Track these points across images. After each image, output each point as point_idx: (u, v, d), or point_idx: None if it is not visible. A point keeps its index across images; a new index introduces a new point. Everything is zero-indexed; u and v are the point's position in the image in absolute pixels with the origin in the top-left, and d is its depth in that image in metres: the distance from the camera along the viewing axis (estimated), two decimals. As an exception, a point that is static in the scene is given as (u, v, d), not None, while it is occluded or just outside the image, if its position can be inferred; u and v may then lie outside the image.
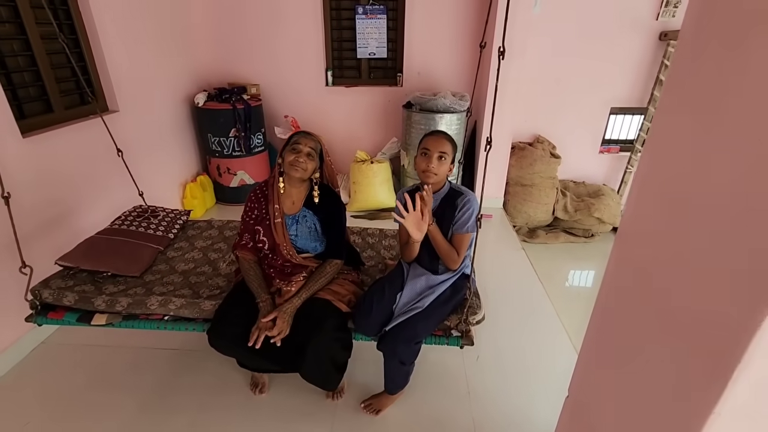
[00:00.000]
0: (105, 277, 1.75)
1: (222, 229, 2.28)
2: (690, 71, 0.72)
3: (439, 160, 1.51)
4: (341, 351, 1.59)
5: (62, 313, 1.64)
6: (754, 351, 0.57)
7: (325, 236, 1.67)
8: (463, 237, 1.54)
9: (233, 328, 1.48)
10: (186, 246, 2.10)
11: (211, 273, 1.87)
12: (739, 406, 0.61)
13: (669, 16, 3.40)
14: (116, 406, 1.75)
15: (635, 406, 0.86)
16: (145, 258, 1.88)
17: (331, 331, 1.49)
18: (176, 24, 3.26)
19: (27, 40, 2.09)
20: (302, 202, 1.65)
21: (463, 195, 1.56)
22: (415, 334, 1.48)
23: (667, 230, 0.77)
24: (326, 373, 1.59)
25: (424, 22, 3.56)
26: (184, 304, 1.61)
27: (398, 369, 1.57)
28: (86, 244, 1.86)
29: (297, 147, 1.56)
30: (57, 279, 1.73)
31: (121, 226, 2.04)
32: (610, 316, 0.98)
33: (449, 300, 1.58)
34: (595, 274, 3.37)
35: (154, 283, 1.77)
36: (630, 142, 3.93)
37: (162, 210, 2.26)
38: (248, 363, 1.70)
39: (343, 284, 1.66)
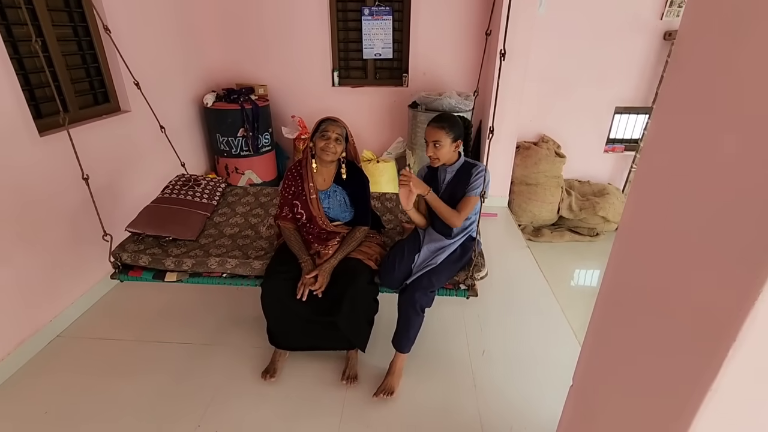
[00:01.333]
0: (168, 241, 2.05)
1: (257, 195, 2.59)
2: (687, 71, 0.76)
3: (435, 146, 1.76)
4: (371, 302, 1.87)
5: (140, 272, 1.95)
6: (746, 333, 0.61)
7: (353, 207, 1.92)
8: (471, 199, 1.77)
9: (282, 282, 1.74)
10: (228, 212, 2.40)
11: (254, 236, 2.18)
12: (735, 384, 0.65)
13: (674, 15, 3.42)
14: (131, 395, 1.80)
15: (636, 391, 0.89)
16: (197, 223, 2.18)
17: (364, 284, 1.77)
18: (186, 26, 3.33)
19: (44, 42, 2.15)
20: (332, 179, 1.90)
21: (477, 166, 1.81)
22: (431, 283, 1.75)
23: (665, 227, 0.81)
24: (358, 324, 1.81)
25: (430, 23, 3.60)
26: (238, 264, 1.90)
27: (417, 315, 1.76)
28: (146, 213, 2.13)
29: (326, 134, 1.77)
30: (130, 243, 2.02)
31: (171, 194, 2.31)
32: (612, 307, 1.02)
33: (459, 259, 1.84)
34: (599, 272, 3.38)
35: (209, 245, 2.06)
36: (635, 142, 3.94)
37: (203, 178, 2.52)
38: (282, 328, 1.85)
39: (371, 246, 1.93)
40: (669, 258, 0.79)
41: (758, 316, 0.59)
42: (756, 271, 0.58)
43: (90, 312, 2.32)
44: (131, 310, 2.34)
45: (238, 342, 2.09)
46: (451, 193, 1.83)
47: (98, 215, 1.84)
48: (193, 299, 2.41)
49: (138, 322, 2.24)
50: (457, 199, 1.80)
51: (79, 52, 2.42)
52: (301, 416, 1.72)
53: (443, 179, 1.87)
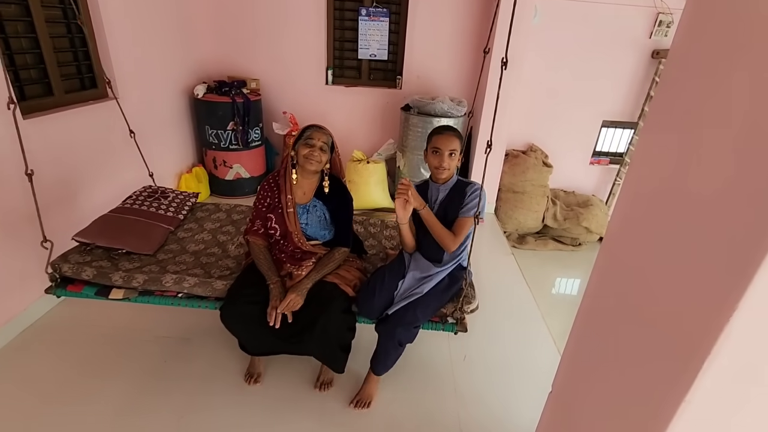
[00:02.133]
0: (120, 254, 1.84)
1: (230, 212, 2.37)
2: (675, 92, 0.78)
3: (450, 156, 1.63)
4: (346, 331, 1.68)
5: (81, 287, 1.72)
6: (721, 347, 0.63)
7: (334, 225, 1.76)
8: (467, 220, 1.63)
9: (244, 307, 1.57)
10: (195, 227, 2.19)
11: (221, 254, 1.96)
12: (707, 395, 0.67)
13: (662, 35, 3.52)
14: (108, 390, 1.76)
15: (613, 398, 0.92)
16: (157, 237, 1.96)
17: (338, 312, 1.59)
18: (179, 15, 3.28)
19: (32, 23, 2.09)
20: (313, 193, 1.74)
21: (472, 185, 1.68)
22: (415, 318, 1.59)
23: (648, 238, 0.83)
24: (333, 352, 1.67)
25: (426, 27, 3.62)
26: (197, 283, 1.70)
27: (395, 349, 1.64)
28: (101, 222, 1.94)
29: (311, 141, 1.63)
30: (75, 254, 1.80)
31: (133, 205, 2.11)
32: (593, 316, 1.04)
33: (447, 289, 1.69)
34: (580, 282, 3.45)
35: (167, 261, 1.85)
36: (620, 155, 4.04)
37: (171, 191, 2.33)
38: (252, 342, 1.73)
39: (350, 270, 1.76)
40: (651, 270, 0.82)
41: (733, 331, 0.62)
42: (732, 287, 0.60)
43: (65, 301, 2.26)
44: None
45: (218, 338, 2.05)
46: (444, 213, 1.68)
47: (39, 217, 1.56)
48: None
49: (114, 312, 2.19)
50: (449, 220, 1.66)
51: (68, 35, 2.36)
52: (280, 421, 1.70)
53: (435, 198, 1.72)
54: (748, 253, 0.58)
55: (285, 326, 1.54)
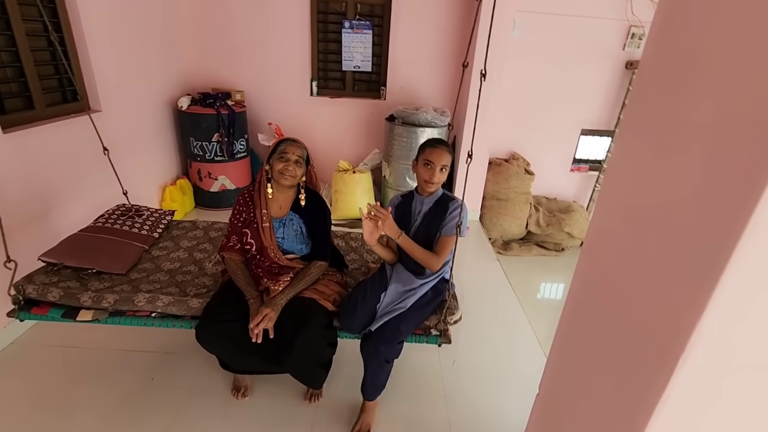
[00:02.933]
0: (90, 274, 1.75)
1: (207, 230, 2.30)
2: (646, 102, 0.84)
3: (441, 171, 1.62)
4: (327, 348, 1.63)
5: (46, 309, 1.63)
6: (694, 343, 0.67)
7: (311, 239, 1.73)
8: (450, 239, 1.61)
9: (221, 325, 1.51)
10: (171, 245, 2.10)
11: (198, 272, 1.89)
12: (684, 394, 0.71)
13: (634, 47, 3.67)
14: (91, 408, 1.72)
15: (596, 398, 0.95)
16: (130, 256, 1.88)
17: (318, 328, 1.54)
18: (163, 27, 3.27)
19: (12, 36, 2.07)
20: (289, 206, 1.71)
21: (454, 200, 1.66)
22: (399, 333, 1.55)
23: (625, 242, 0.88)
24: (312, 370, 1.64)
25: (408, 40, 3.70)
26: (171, 302, 1.63)
27: (381, 368, 1.61)
28: (70, 241, 1.85)
29: (285, 156, 1.60)
30: (41, 275, 1.71)
31: (105, 224, 2.03)
32: (576, 318, 1.08)
33: (430, 302, 1.66)
34: (564, 286, 3.52)
35: (140, 280, 1.77)
36: (598, 162, 4.16)
37: (146, 209, 2.26)
38: (232, 362, 1.69)
39: (329, 284, 1.71)
40: (627, 274, 0.86)
41: (703, 330, 0.66)
42: (700, 288, 0.65)
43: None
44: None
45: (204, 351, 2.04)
46: (426, 227, 1.67)
47: (2, 235, 1.47)
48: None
49: (100, 329, 2.13)
50: (431, 233, 1.66)
51: (49, 48, 2.34)
52: (271, 427, 1.69)
53: (419, 210, 1.70)
54: (715, 255, 0.63)
55: (263, 344, 1.48)
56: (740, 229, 0.59)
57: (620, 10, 3.54)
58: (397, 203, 1.76)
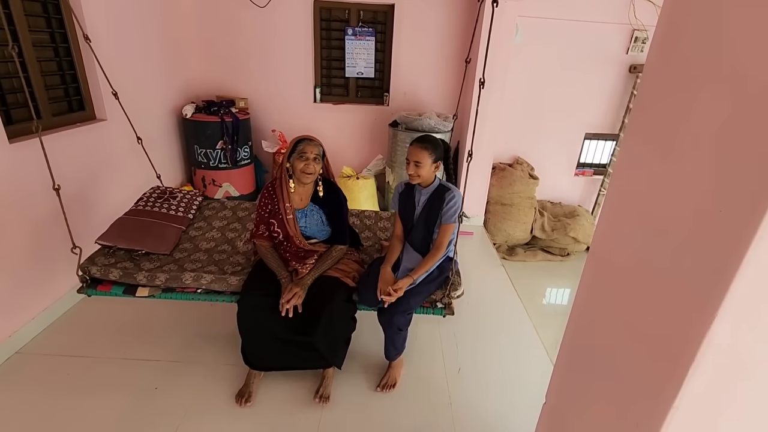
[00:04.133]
0: (141, 255, 1.97)
1: (235, 209, 2.54)
2: (651, 105, 0.83)
3: (416, 166, 1.80)
4: (349, 321, 1.84)
5: (109, 286, 1.86)
6: (705, 350, 0.66)
7: (331, 225, 1.90)
8: (449, 227, 1.81)
9: (259, 299, 1.72)
10: (205, 226, 2.34)
11: (231, 251, 2.12)
12: (694, 402, 0.69)
13: (638, 50, 3.66)
14: (96, 415, 1.71)
15: (606, 407, 0.93)
16: (171, 237, 2.10)
17: (342, 302, 1.76)
18: (166, 36, 3.30)
19: (20, 46, 2.09)
20: (309, 198, 1.88)
21: (450, 191, 1.84)
22: (408, 306, 1.77)
23: (633, 248, 0.86)
24: (336, 343, 1.80)
25: (411, 45, 3.71)
26: (213, 279, 1.85)
27: (397, 335, 1.84)
28: (119, 225, 2.06)
29: (305, 155, 1.75)
30: (100, 257, 1.94)
31: (144, 207, 2.23)
32: (583, 326, 1.06)
33: (436, 278, 1.86)
34: (570, 291, 3.49)
35: (183, 260, 2.00)
36: (603, 166, 4.14)
37: (178, 191, 2.47)
38: (258, 346, 1.80)
39: (348, 263, 1.92)
40: (635, 280, 0.85)
41: (714, 338, 0.64)
42: (711, 295, 0.63)
43: (53, 327, 2.21)
44: (96, 325, 2.25)
45: (210, 359, 2.04)
46: (426, 215, 1.87)
47: (68, 226, 1.73)
48: (162, 314, 2.34)
49: (103, 338, 2.15)
50: (432, 220, 1.85)
51: (56, 58, 2.36)
52: (275, 436, 1.68)
53: (419, 200, 1.91)
54: (725, 261, 0.61)
55: (293, 318, 1.68)
56: (751, 234, 0.58)
57: (623, 14, 3.53)
58: (401, 191, 1.98)
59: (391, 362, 1.97)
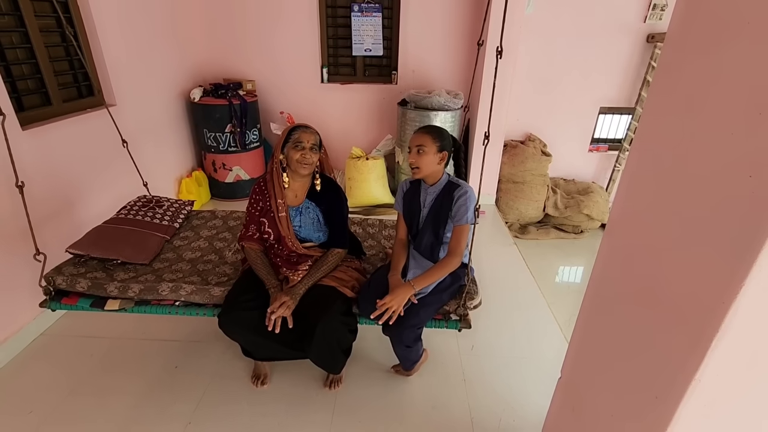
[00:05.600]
0: (115, 265, 1.81)
1: (226, 219, 2.34)
2: (673, 75, 0.79)
3: (419, 152, 1.57)
4: (347, 334, 1.65)
5: (76, 299, 1.69)
6: (729, 325, 0.64)
7: (328, 226, 1.72)
8: (462, 228, 1.58)
9: (243, 312, 1.54)
10: (192, 235, 2.15)
11: (218, 261, 1.92)
12: (717, 374, 0.68)
13: (656, 18, 3.51)
14: (119, 394, 1.77)
15: (622, 381, 0.93)
16: (152, 246, 1.93)
17: (338, 315, 1.56)
18: (172, 19, 3.27)
19: (26, 33, 2.09)
20: (305, 194, 1.70)
21: (460, 187, 1.61)
22: (419, 321, 1.56)
23: (652, 222, 0.84)
24: (333, 356, 1.67)
25: (419, 21, 3.62)
26: (194, 290, 1.66)
27: (407, 350, 1.67)
28: (95, 233, 1.91)
29: (300, 144, 1.56)
30: (69, 266, 1.78)
31: (127, 215, 2.08)
32: (600, 301, 1.05)
33: (449, 287, 1.65)
34: (584, 269, 3.46)
35: (163, 270, 1.82)
36: (618, 141, 4.04)
37: (166, 200, 2.30)
38: (254, 349, 1.73)
39: (347, 271, 1.72)
40: (655, 253, 0.83)
41: (740, 308, 0.63)
42: (738, 265, 0.61)
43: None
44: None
45: (227, 339, 2.07)
46: (434, 217, 1.65)
47: (31, 229, 1.54)
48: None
49: (124, 320, 2.19)
50: (440, 223, 1.64)
51: (63, 44, 2.36)
52: (293, 414, 1.72)
53: (425, 200, 1.69)
54: (753, 231, 0.59)
55: (284, 332, 1.51)
56: (782, 202, 0.56)
57: (640, -20, 3.38)
58: (406, 189, 1.77)
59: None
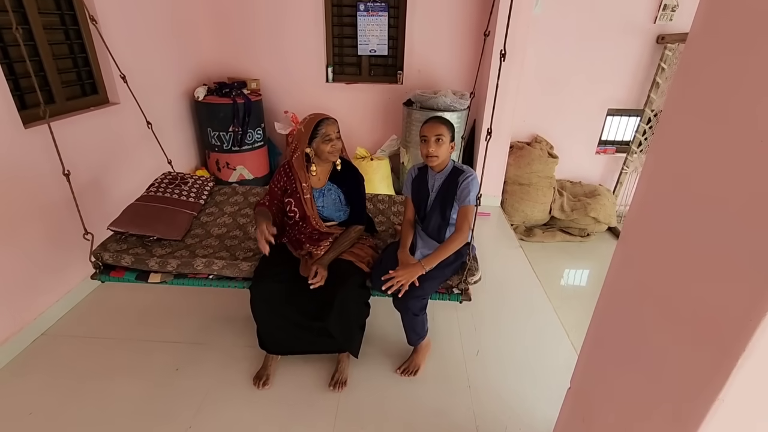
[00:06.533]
0: (152, 241, 1.97)
1: (246, 195, 2.51)
2: (695, 77, 0.75)
3: (437, 142, 1.71)
4: (362, 306, 1.81)
5: (122, 273, 1.86)
6: (758, 341, 0.60)
7: (348, 205, 1.89)
8: (468, 209, 1.72)
9: (272, 285, 1.69)
10: (216, 211, 2.32)
11: (243, 237, 2.10)
12: (742, 393, 0.64)
13: (666, 19, 3.45)
14: (120, 396, 1.75)
15: (638, 396, 0.89)
16: (183, 223, 2.10)
17: (355, 287, 1.72)
18: (177, 17, 3.25)
19: (30, 30, 2.07)
20: (327, 177, 1.86)
21: (464, 172, 1.77)
22: (423, 291, 1.71)
23: (671, 230, 0.80)
24: (350, 329, 1.78)
25: (425, 21, 3.58)
26: (225, 265, 1.84)
27: (414, 320, 1.80)
28: (130, 211, 2.05)
29: (329, 137, 1.72)
30: (112, 242, 1.94)
31: (156, 192, 2.22)
32: (613, 310, 1.01)
33: (452, 263, 1.78)
34: (590, 273, 3.42)
35: (195, 246, 1.99)
36: (626, 144, 3.99)
37: (189, 176, 2.44)
38: (272, 334, 1.81)
39: (363, 248, 1.88)
40: (674, 262, 0.79)
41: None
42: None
43: (75, 310, 2.26)
44: (117, 308, 2.28)
45: (229, 341, 2.06)
46: (441, 201, 1.80)
47: (79, 213, 1.74)
48: (181, 298, 2.36)
49: (125, 320, 2.19)
50: (447, 206, 1.79)
51: (67, 41, 2.34)
52: (295, 418, 1.69)
53: (432, 186, 1.84)
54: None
55: (307, 302, 1.68)
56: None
57: (651, -20, 3.33)
58: (414, 176, 1.92)
59: (416, 347, 1.93)
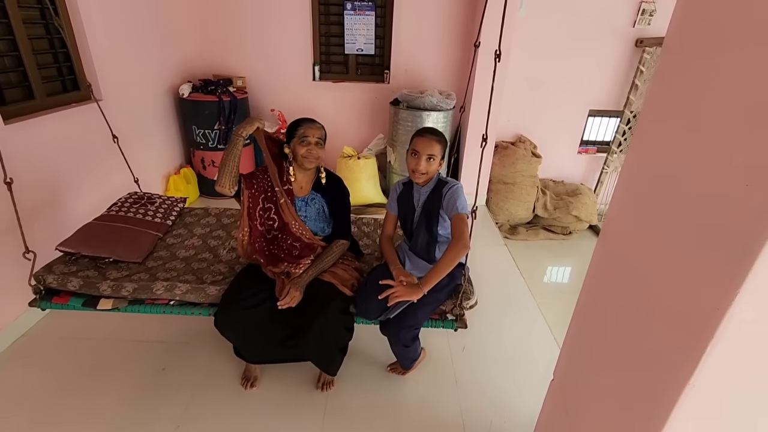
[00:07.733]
0: (107, 263, 1.77)
1: (219, 216, 2.30)
2: (671, 81, 0.80)
3: (428, 161, 1.58)
4: (344, 332, 1.66)
5: (67, 298, 1.65)
6: (725, 329, 0.65)
7: (333, 218, 1.76)
8: (459, 217, 1.55)
9: (241, 311, 1.54)
10: (185, 233, 2.12)
11: (213, 260, 1.90)
12: (711, 378, 0.69)
13: (645, 24, 3.56)
14: (104, 398, 1.73)
15: (617, 384, 0.94)
16: (145, 244, 1.90)
17: (337, 313, 1.57)
18: (161, 13, 3.20)
19: (9, 24, 2.03)
20: (311, 185, 1.73)
21: (447, 184, 1.63)
22: (416, 321, 1.57)
23: (648, 227, 0.85)
24: (329, 353, 1.67)
25: (412, 20, 3.61)
26: (189, 289, 1.64)
27: (405, 349, 1.69)
28: (86, 230, 1.87)
29: (306, 139, 1.59)
30: (59, 264, 1.74)
31: (118, 212, 2.04)
32: (593, 304, 1.06)
33: (446, 286, 1.65)
34: (572, 269, 3.50)
35: (157, 269, 1.79)
36: (607, 144, 4.10)
37: (158, 197, 2.26)
38: (248, 349, 1.70)
39: (347, 269, 1.73)
40: (650, 258, 0.84)
41: (735, 315, 0.63)
42: (735, 271, 0.62)
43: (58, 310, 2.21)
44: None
45: (215, 341, 2.03)
46: (427, 216, 1.67)
47: (20, 227, 1.50)
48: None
49: (110, 320, 2.14)
50: (433, 220, 1.65)
51: (47, 36, 2.29)
52: (283, 417, 1.70)
53: (418, 200, 1.70)
54: (749, 237, 0.60)
55: (282, 328, 1.54)
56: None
57: (630, -15, 3.42)
58: (399, 192, 1.78)
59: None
